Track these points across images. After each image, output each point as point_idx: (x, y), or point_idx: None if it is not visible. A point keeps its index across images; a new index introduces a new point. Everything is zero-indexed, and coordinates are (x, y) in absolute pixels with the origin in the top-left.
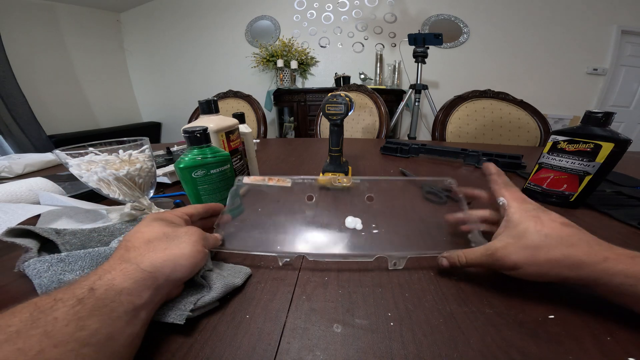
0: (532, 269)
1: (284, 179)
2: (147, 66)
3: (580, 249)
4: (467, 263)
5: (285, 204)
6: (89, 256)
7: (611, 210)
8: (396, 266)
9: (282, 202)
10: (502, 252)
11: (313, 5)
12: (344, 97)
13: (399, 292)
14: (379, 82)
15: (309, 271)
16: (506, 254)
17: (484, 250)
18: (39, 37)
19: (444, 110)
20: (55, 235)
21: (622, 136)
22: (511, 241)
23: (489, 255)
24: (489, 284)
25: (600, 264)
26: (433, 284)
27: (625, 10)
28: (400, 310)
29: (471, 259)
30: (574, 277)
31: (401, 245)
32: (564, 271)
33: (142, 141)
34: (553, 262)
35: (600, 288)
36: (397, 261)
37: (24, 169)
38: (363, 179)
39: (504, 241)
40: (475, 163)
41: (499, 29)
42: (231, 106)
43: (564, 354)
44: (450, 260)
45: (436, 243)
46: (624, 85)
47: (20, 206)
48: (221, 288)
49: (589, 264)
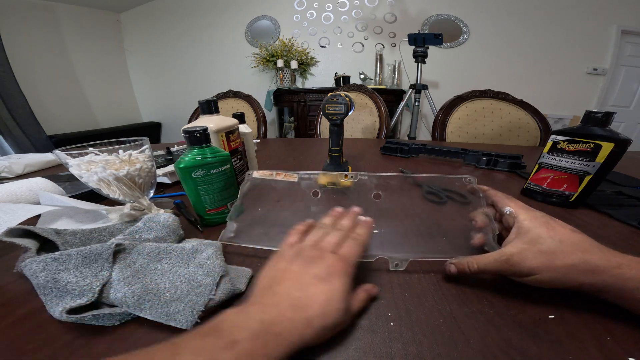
0: (549, 275)
1: (291, 173)
2: (147, 66)
3: (594, 254)
4: (478, 270)
5: (290, 200)
6: (82, 254)
7: (611, 210)
8: (398, 267)
9: (287, 198)
10: (518, 258)
11: (313, 5)
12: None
13: (399, 292)
14: (379, 82)
15: None
16: (522, 259)
17: (497, 256)
18: (39, 38)
19: (444, 110)
20: (55, 235)
21: (622, 136)
22: (526, 247)
23: (503, 261)
24: (489, 284)
25: (614, 269)
26: (433, 284)
27: (625, 10)
28: (400, 310)
29: (483, 265)
30: (588, 284)
31: (403, 246)
32: (580, 277)
33: (142, 141)
34: (569, 267)
35: (612, 294)
36: (399, 263)
37: (24, 169)
38: (371, 174)
39: (518, 247)
40: (475, 163)
41: (499, 28)
42: (231, 106)
43: (564, 354)
44: (459, 267)
45: (437, 244)
46: (624, 85)
47: (20, 206)
48: (227, 293)
49: (603, 270)
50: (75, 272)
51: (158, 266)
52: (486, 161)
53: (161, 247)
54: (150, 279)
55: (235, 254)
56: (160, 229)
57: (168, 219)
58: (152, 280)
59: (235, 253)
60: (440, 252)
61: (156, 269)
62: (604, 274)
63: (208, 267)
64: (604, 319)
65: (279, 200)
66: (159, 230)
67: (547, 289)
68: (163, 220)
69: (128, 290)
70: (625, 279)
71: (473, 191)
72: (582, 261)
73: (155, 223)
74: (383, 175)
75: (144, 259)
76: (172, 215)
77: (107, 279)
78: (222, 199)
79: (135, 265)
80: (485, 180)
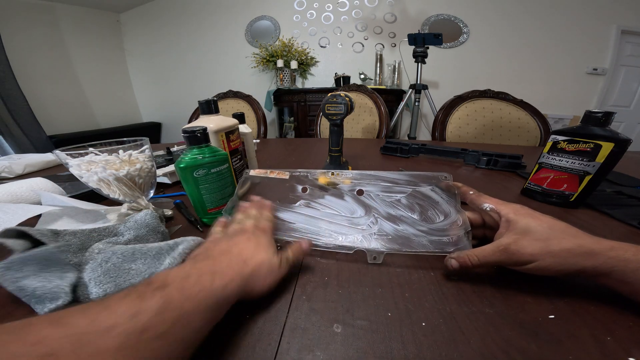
0: (549, 260)
1: (283, 172)
2: (147, 66)
3: (585, 239)
4: (479, 262)
5: (281, 197)
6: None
7: (611, 210)
8: (375, 261)
9: (280, 195)
10: (515, 247)
11: (313, 5)
12: (344, 97)
13: (399, 292)
14: (379, 82)
15: (309, 271)
16: (520, 247)
17: (494, 248)
18: (39, 38)
19: (444, 110)
20: (49, 237)
21: (622, 136)
22: (519, 236)
23: (501, 251)
24: (489, 284)
25: (609, 251)
26: (433, 284)
27: (625, 10)
28: (400, 310)
29: (483, 257)
30: (589, 267)
31: (389, 242)
32: (579, 260)
33: (142, 141)
34: (567, 251)
35: (614, 276)
36: (376, 256)
37: (24, 169)
38: (356, 173)
39: (512, 237)
40: (475, 163)
41: (498, 29)
42: (231, 106)
43: (564, 354)
44: (460, 261)
45: (418, 239)
46: (623, 85)
47: (21, 206)
48: None
49: (599, 252)
50: (37, 277)
51: (132, 266)
52: (486, 161)
53: (136, 247)
54: (123, 279)
55: None
56: (139, 227)
57: (145, 217)
58: (126, 280)
59: None
60: (420, 247)
61: (130, 269)
62: (600, 257)
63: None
64: (604, 319)
65: (279, 201)
66: (138, 229)
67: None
68: (140, 219)
69: (100, 290)
70: (626, 260)
71: (449, 188)
72: (577, 245)
73: (133, 222)
74: (365, 173)
75: (117, 258)
76: (150, 212)
77: (76, 279)
78: (222, 197)
79: (107, 265)
80: (485, 180)
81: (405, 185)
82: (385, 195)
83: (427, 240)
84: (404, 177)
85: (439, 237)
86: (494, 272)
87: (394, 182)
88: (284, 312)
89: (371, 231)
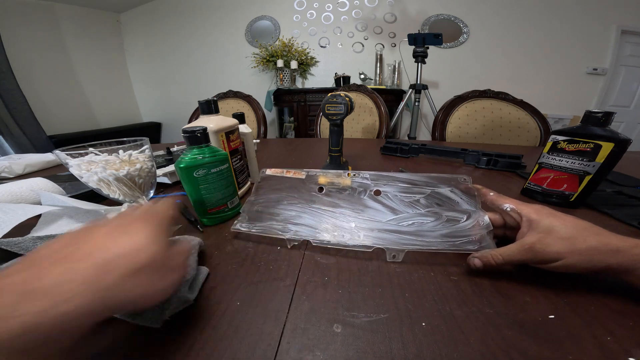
0: (576, 258)
1: (299, 171)
2: (147, 66)
3: (610, 236)
4: (503, 261)
5: (297, 196)
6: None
7: (611, 210)
8: (395, 259)
9: (295, 193)
10: (540, 245)
11: (313, 5)
12: (344, 97)
13: (399, 292)
14: (379, 82)
15: (309, 271)
16: (545, 246)
17: (519, 247)
18: (39, 38)
19: (444, 110)
20: (17, 247)
21: (622, 136)
22: (543, 235)
23: (527, 249)
24: (489, 284)
25: (633, 248)
26: (433, 284)
27: (625, 10)
28: (400, 310)
29: (508, 256)
30: (614, 264)
31: (404, 241)
32: (605, 258)
33: (142, 141)
34: (593, 249)
35: (636, 275)
36: (396, 254)
37: (24, 169)
38: (371, 173)
39: (536, 236)
40: (475, 163)
41: (498, 29)
42: (231, 106)
43: (564, 354)
44: (484, 260)
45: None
46: (623, 85)
47: (20, 206)
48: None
49: (624, 249)
50: None
51: None
52: (486, 161)
53: None
54: None
55: (245, 240)
56: None
57: None
58: None
59: (245, 239)
60: (439, 245)
61: None
62: (625, 254)
63: None
64: (604, 319)
65: (293, 197)
66: None
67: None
68: None
69: None
70: None
71: (468, 190)
72: (602, 243)
73: None
74: (383, 174)
75: None
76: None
77: None
78: (222, 197)
79: None
80: (485, 180)
81: (424, 186)
82: (403, 196)
83: (447, 238)
84: (422, 179)
85: (460, 237)
86: (494, 271)
87: (413, 184)
88: (284, 312)
89: (389, 228)
